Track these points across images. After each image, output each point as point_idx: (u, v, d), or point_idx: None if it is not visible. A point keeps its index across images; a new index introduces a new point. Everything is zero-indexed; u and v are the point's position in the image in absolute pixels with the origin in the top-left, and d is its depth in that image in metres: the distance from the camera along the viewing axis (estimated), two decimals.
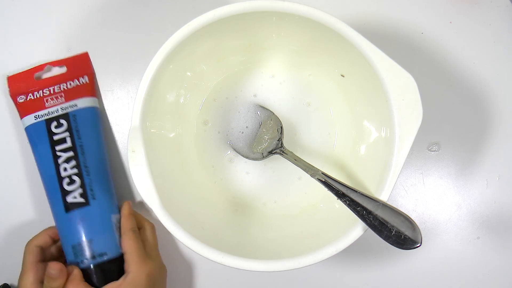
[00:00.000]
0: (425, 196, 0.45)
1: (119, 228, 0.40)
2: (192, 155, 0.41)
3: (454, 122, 0.45)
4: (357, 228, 0.32)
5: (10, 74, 0.44)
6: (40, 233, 0.40)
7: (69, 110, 0.41)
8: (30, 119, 0.41)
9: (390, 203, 0.31)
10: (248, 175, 0.41)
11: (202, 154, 0.41)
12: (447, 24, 0.46)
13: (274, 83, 0.41)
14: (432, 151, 0.45)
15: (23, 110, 0.42)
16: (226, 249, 0.32)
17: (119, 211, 0.41)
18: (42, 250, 0.39)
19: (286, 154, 0.38)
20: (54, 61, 0.44)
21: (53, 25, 0.45)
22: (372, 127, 0.37)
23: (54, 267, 0.35)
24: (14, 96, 0.43)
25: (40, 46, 0.45)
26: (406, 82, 0.31)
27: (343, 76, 0.38)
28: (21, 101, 0.42)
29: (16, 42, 0.45)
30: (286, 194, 0.41)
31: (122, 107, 0.45)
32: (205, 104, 0.41)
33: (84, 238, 0.38)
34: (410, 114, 0.31)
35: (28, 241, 0.39)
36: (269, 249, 0.35)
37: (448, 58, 0.45)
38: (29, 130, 0.41)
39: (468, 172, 0.45)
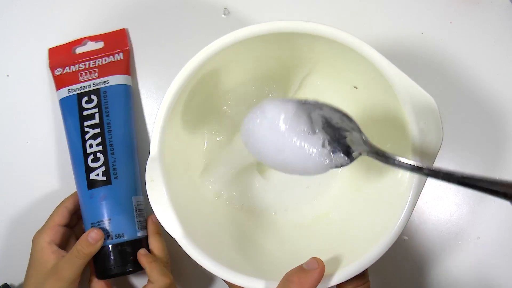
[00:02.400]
0: (425, 196, 0.45)
1: (139, 211, 0.40)
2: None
3: (454, 122, 0.45)
4: (380, 244, 0.30)
5: (51, 46, 0.44)
6: (71, 195, 0.41)
7: (101, 86, 0.41)
8: (64, 92, 0.41)
9: None
10: (259, 184, 0.41)
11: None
12: (447, 24, 0.46)
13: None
14: None
15: (58, 82, 0.42)
16: (248, 269, 0.31)
17: (142, 193, 0.41)
18: (69, 214, 0.40)
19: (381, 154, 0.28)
20: (92, 36, 0.44)
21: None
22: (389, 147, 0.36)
23: (98, 232, 0.37)
24: (52, 68, 0.43)
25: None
26: (426, 104, 0.29)
27: (356, 88, 0.37)
28: (58, 73, 0.43)
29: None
30: (296, 203, 0.40)
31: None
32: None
33: (103, 217, 0.38)
34: (431, 138, 0.29)
35: (61, 202, 0.40)
36: (287, 268, 0.34)
37: (448, 58, 0.45)
38: (62, 103, 0.42)
39: (468, 172, 0.45)
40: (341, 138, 0.28)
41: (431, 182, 0.45)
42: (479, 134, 0.45)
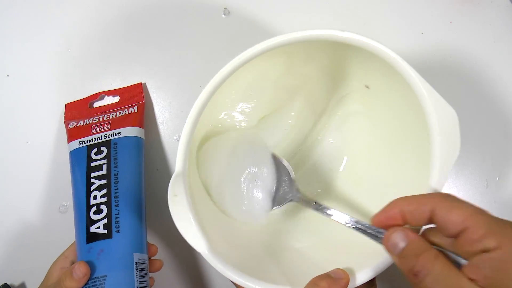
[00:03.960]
0: None
1: (141, 270, 0.36)
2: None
3: (454, 122, 0.45)
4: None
5: (68, 102, 0.44)
6: (70, 246, 0.39)
7: (112, 137, 0.39)
8: (74, 144, 0.40)
9: None
10: None
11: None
12: (447, 24, 0.46)
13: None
14: None
15: (71, 135, 0.41)
16: (273, 277, 0.31)
17: (146, 250, 0.38)
18: (71, 263, 0.37)
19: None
20: (109, 91, 0.44)
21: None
22: (400, 159, 0.36)
23: (82, 268, 0.34)
24: (66, 122, 0.43)
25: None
26: (449, 117, 0.30)
27: (367, 87, 0.37)
28: (71, 127, 0.42)
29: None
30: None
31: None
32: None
33: (99, 274, 0.34)
34: (448, 149, 0.30)
35: (61, 253, 0.38)
36: (303, 276, 0.33)
37: (448, 58, 0.45)
38: (72, 155, 0.40)
39: (468, 172, 0.45)
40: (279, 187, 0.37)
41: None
42: (479, 133, 0.45)
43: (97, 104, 0.44)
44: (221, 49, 0.45)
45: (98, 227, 0.36)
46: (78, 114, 0.43)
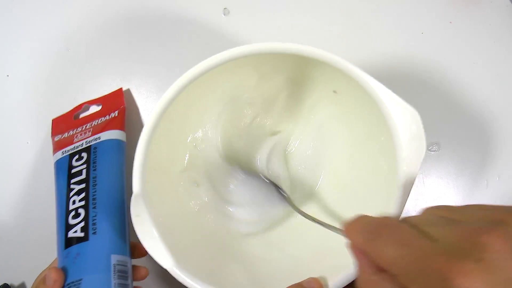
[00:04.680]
0: (425, 196, 0.45)
1: (120, 272, 0.34)
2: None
3: (454, 122, 0.45)
4: None
5: (55, 117, 0.44)
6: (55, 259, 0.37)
7: (92, 143, 0.39)
8: (58, 155, 0.40)
9: None
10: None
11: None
12: (447, 24, 0.46)
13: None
14: (432, 151, 0.45)
15: (55, 147, 0.41)
16: (243, 285, 0.32)
17: (128, 252, 0.36)
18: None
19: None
20: (91, 100, 0.44)
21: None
22: (372, 161, 0.37)
23: (54, 274, 0.33)
24: (53, 137, 0.43)
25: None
26: (410, 117, 0.30)
27: (335, 92, 0.38)
28: (56, 139, 0.42)
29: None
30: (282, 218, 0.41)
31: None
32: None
33: (74, 278, 0.33)
34: (413, 148, 0.30)
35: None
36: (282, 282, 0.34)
37: (447, 58, 0.45)
38: (55, 165, 0.40)
39: (468, 172, 0.45)
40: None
41: (431, 182, 0.45)
42: (479, 133, 0.45)
43: (82, 115, 0.44)
44: (221, 49, 0.45)
45: (75, 231, 0.35)
46: (65, 127, 0.43)
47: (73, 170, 0.38)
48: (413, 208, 0.44)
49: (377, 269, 0.21)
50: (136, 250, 0.37)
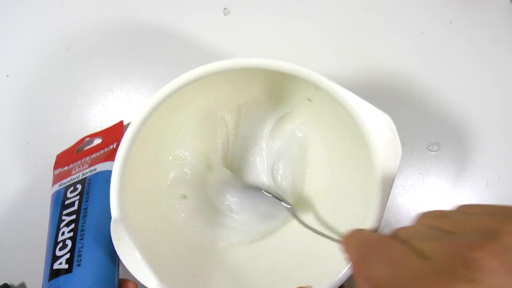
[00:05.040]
0: (425, 196, 0.45)
1: None
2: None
3: (454, 122, 0.45)
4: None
5: (59, 152, 0.44)
6: None
7: (88, 174, 0.39)
8: (55, 187, 0.40)
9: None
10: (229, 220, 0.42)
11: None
12: (447, 24, 0.46)
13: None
14: (432, 151, 0.45)
15: (54, 180, 0.41)
16: None
17: (115, 285, 0.35)
18: None
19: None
20: (93, 134, 0.44)
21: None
22: (350, 169, 0.37)
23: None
24: (54, 170, 0.43)
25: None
26: (384, 123, 0.30)
27: (309, 100, 0.38)
28: (56, 173, 0.42)
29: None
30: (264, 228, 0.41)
31: (123, 107, 0.45)
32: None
33: None
34: (390, 153, 0.30)
35: None
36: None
37: (447, 58, 0.45)
38: (52, 198, 0.40)
39: (468, 172, 0.45)
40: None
41: (431, 182, 0.45)
42: (479, 133, 0.45)
43: (85, 148, 0.44)
44: (221, 49, 0.45)
45: (60, 263, 0.34)
46: (66, 161, 0.43)
47: (67, 202, 0.37)
48: (412, 208, 0.45)
49: (371, 286, 0.21)
50: (125, 286, 0.36)
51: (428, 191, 0.45)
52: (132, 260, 0.31)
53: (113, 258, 0.35)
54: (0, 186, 0.44)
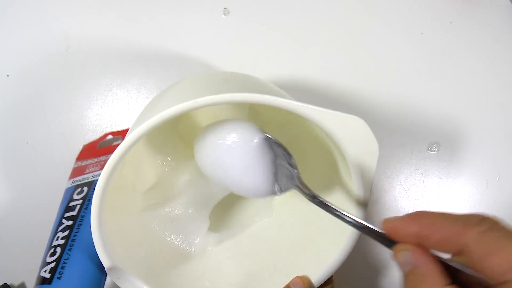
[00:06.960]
0: (425, 196, 0.45)
1: None
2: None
3: (454, 122, 0.45)
4: (341, 250, 0.31)
5: (87, 142, 0.44)
6: None
7: (96, 178, 0.38)
8: (69, 183, 0.40)
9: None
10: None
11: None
12: (447, 24, 0.45)
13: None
14: (432, 151, 0.45)
15: (72, 174, 0.41)
16: None
17: None
18: None
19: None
20: (115, 132, 0.44)
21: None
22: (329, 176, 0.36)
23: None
24: (76, 162, 0.43)
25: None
26: (355, 126, 0.29)
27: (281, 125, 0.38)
28: (75, 166, 0.42)
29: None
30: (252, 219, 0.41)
31: (123, 107, 0.45)
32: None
33: None
34: (365, 152, 0.29)
35: None
36: None
37: (447, 58, 0.45)
38: (64, 193, 0.40)
39: (468, 172, 0.45)
40: (281, 170, 0.31)
41: (431, 182, 0.45)
42: (479, 133, 0.45)
43: (105, 145, 0.44)
44: (221, 49, 0.45)
45: (46, 270, 0.32)
46: (87, 154, 0.43)
47: (71, 204, 0.37)
48: (412, 208, 0.45)
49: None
50: None
51: (428, 191, 0.45)
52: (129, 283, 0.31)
53: (98, 277, 0.33)
54: (1, 187, 0.44)
